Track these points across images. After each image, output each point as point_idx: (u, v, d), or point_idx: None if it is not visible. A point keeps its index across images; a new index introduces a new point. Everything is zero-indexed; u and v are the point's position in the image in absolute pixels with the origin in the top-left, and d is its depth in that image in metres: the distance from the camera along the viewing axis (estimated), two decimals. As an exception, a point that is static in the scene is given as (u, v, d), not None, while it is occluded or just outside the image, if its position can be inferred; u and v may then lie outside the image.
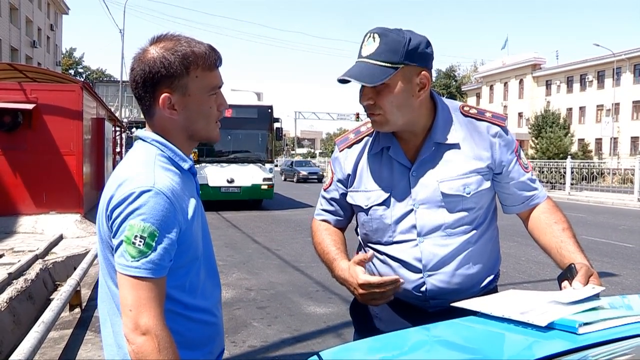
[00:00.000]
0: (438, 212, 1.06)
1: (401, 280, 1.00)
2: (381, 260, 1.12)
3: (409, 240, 1.08)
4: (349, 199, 1.16)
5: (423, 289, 1.07)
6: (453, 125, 1.09)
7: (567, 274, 0.95)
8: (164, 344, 0.76)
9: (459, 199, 1.06)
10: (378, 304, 1.02)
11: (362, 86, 1.03)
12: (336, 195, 1.18)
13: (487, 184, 1.09)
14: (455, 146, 1.07)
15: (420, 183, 1.07)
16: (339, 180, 1.17)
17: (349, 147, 1.16)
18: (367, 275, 1.01)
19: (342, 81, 1.03)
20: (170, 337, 0.78)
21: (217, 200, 9.22)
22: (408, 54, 0.99)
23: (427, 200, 1.07)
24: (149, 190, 0.79)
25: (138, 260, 0.78)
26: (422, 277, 1.07)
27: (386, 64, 0.99)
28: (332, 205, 1.20)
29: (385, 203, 1.09)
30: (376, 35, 1.01)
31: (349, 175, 1.15)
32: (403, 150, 1.09)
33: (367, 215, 1.12)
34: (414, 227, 1.07)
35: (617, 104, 27.05)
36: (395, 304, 1.11)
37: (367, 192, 1.12)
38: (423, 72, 1.02)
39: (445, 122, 1.08)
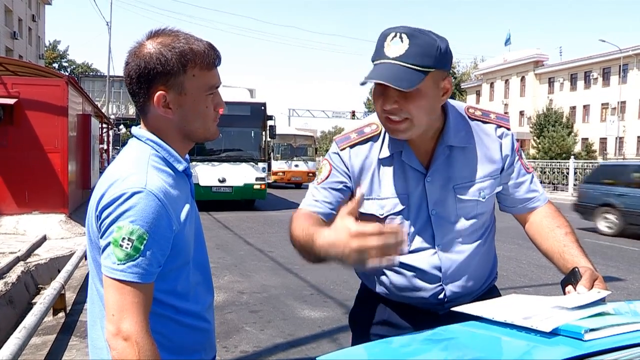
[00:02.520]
0: (455, 218, 1.05)
1: (403, 230, 0.85)
2: (395, 271, 1.08)
3: (427, 249, 1.05)
4: (360, 208, 1.08)
5: (441, 295, 1.06)
6: (463, 128, 1.07)
7: (571, 278, 0.93)
8: (145, 351, 0.75)
9: (474, 204, 1.05)
10: (375, 264, 0.79)
11: (382, 87, 0.95)
12: (337, 186, 1.08)
13: (499, 187, 1.08)
14: (468, 149, 1.06)
15: (436, 189, 1.05)
16: (344, 173, 1.09)
17: (351, 147, 1.10)
18: (362, 223, 0.80)
19: (365, 82, 0.95)
20: (152, 344, 0.76)
21: (208, 200, 9.08)
22: (440, 58, 0.95)
23: (444, 207, 1.05)
24: (140, 192, 0.77)
25: (124, 264, 0.76)
26: (440, 285, 1.06)
27: (419, 68, 0.93)
28: (331, 196, 1.07)
29: (402, 212, 1.06)
30: (404, 36, 0.94)
31: (352, 173, 1.10)
32: (415, 155, 1.05)
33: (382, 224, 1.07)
34: (432, 234, 1.05)
35: (623, 102, 25.59)
36: (404, 309, 1.10)
37: (380, 200, 1.07)
38: (448, 77, 1.00)
39: (456, 125, 1.06)
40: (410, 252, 1.06)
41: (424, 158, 1.06)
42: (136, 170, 0.81)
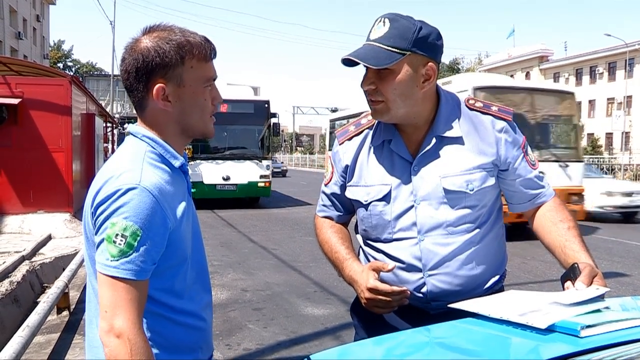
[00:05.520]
0: (439, 208, 1.04)
1: (408, 293, 1.00)
2: (380, 260, 1.09)
3: (408, 238, 1.05)
4: (348, 194, 1.13)
5: (424, 289, 1.05)
6: (457, 119, 1.06)
7: (570, 273, 0.92)
8: (137, 349, 0.74)
9: (461, 196, 1.04)
10: (380, 312, 1.02)
11: (366, 70, 1.01)
12: (337, 190, 1.16)
13: (492, 181, 1.06)
14: (459, 140, 1.05)
15: (421, 178, 1.05)
16: (340, 174, 1.15)
17: (349, 139, 1.13)
18: (377, 281, 0.99)
19: (347, 62, 1.00)
20: (145, 342, 0.76)
21: (213, 198, 9.06)
22: (417, 42, 0.97)
23: (429, 196, 1.04)
24: (134, 188, 0.77)
25: (117, 260, 0.76)
26: (422, 278, 1.05)
27: (393, 49, 0.97)
28: (332, 200, 1.18)
29: (385, 198, 1.07)
30: (387, 20, 0.99)
31: (347, 166, 1.12)
32: (405, 143, 1.07)
33: (366, 210, 1.10)
34: (415, 224, 1.05)
35: (629, 97, 24.92)
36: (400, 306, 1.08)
37: (366, 187, 1.09)
38: (430, 64, 1.00)
39: (448, 115, 1.06)
40: (393, 240, 1.06)
41: (413, 147, 1.06)
42: (131, 167, 0.80)
